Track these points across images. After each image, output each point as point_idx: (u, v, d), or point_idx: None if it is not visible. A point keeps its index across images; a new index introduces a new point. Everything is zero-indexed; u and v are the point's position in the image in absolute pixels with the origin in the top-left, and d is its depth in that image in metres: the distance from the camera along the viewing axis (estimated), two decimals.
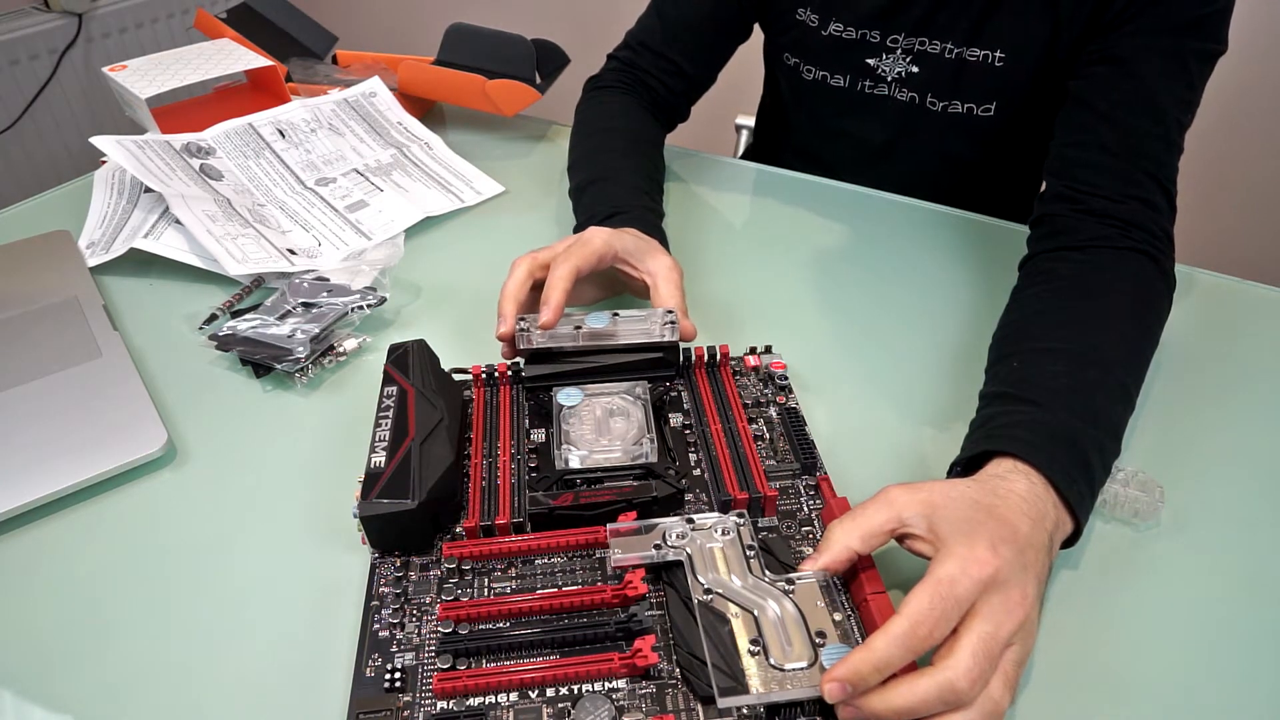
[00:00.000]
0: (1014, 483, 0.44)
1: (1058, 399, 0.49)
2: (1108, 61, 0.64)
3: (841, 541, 0.42)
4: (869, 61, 0.78)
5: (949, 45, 0.74)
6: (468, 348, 0.63)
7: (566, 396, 0.52)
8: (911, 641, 0.37)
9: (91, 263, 0.71)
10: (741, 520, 0.45)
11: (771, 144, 0.99)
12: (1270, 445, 0.56)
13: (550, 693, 0.39)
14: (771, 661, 0.38)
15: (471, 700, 0.39)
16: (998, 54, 0.73)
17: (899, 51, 0.76)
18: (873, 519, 0.42)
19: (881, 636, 0.37)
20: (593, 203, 0.70)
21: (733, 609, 0.40)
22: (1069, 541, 0.46)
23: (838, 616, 0.40)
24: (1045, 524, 0.43)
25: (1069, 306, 0.56)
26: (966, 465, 0.47)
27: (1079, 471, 0.46)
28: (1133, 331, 0.55)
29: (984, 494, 0.43)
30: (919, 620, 0.37)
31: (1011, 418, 0.48)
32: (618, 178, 0.72)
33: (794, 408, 0.55)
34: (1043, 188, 0.66)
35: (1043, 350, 0.53)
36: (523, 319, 0.55)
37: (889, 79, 0.78)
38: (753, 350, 0.60)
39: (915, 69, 0.77)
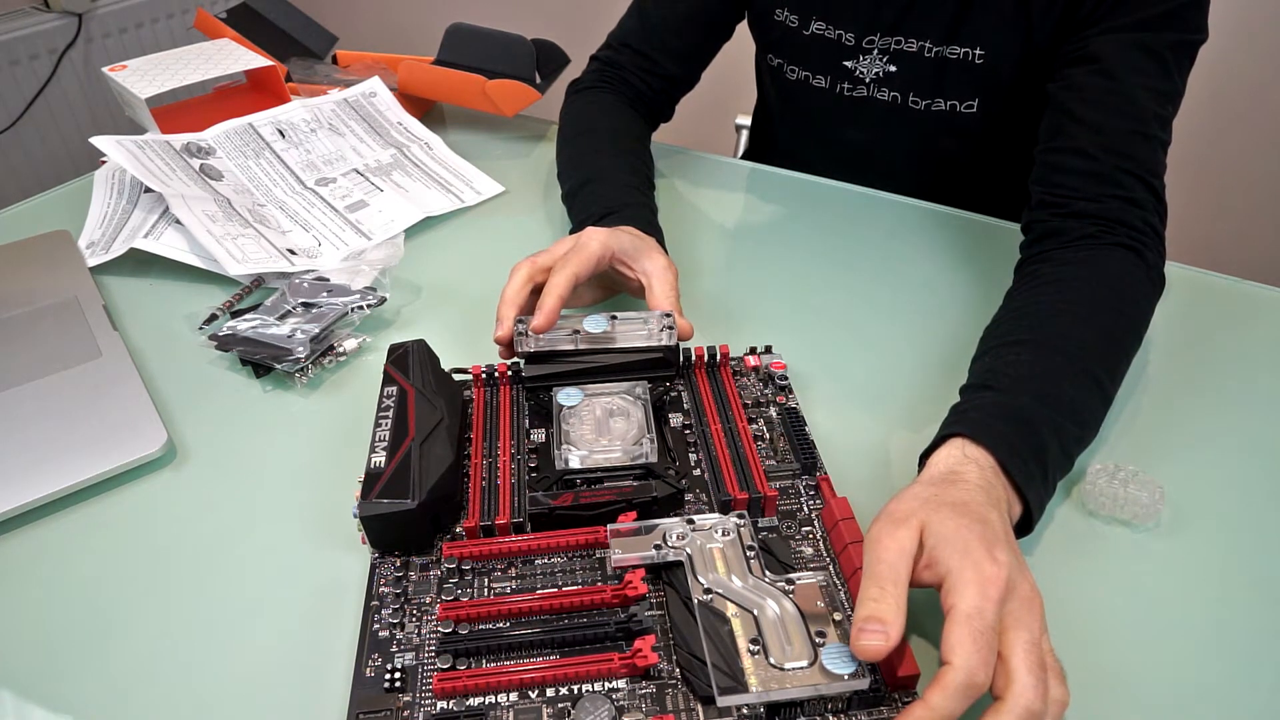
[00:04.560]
0: (967, 472, 0.44)
1: (1017, 384, 0.50)
2: (1082, 61, 0.65)
3: (894, 607, 0.38)
4: (846, 64, 0.79)
5: (927, 44, 0.74)
6: (468, 348, 0.63)
7: (566, 396, 0.52)
8: (969, 690, 0.36)
9: (91, 263, 0.71)
10: (742, 521, 0.45)
11: (764, 146, 1.00)
12: (1270, 446, 0.56)
13: (550, 693, 0.39)
14: (771, 661, 0.38)
15: (471, 700, 0.39)
16: (977, 51, 0.73)
17: (875, 52, 0.76)
18: (901, 567, 0.40)
19: (938, 692, 0.36)
20: (587, 204, 0.70)
21: (732, 609, 0.40)
22: (1021, 526, 0.46)
23: (838, 616, 0.40)
24: (1003, 507, 0.43)
25: (1044, 301, 0.57)
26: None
27: (1030, 451, 0.46)
28: (1109, 322, 0.55)
29: (945, 489, 0.43)
30: (972, 667, 0.36)
31: (969, 403, 0.50)
32: (609, 177, 0.72)
33: (794, 408, 0.55)
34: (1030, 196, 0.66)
35: (1011, 342, 0.54)
36: (520, 321, 0.55)
37: (867, 80, 0.78)
38: (752, 350, 0.60)
39: (893, 68, 0.77)
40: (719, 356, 0.57)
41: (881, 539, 0.41)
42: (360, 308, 0.64)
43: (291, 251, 0.71)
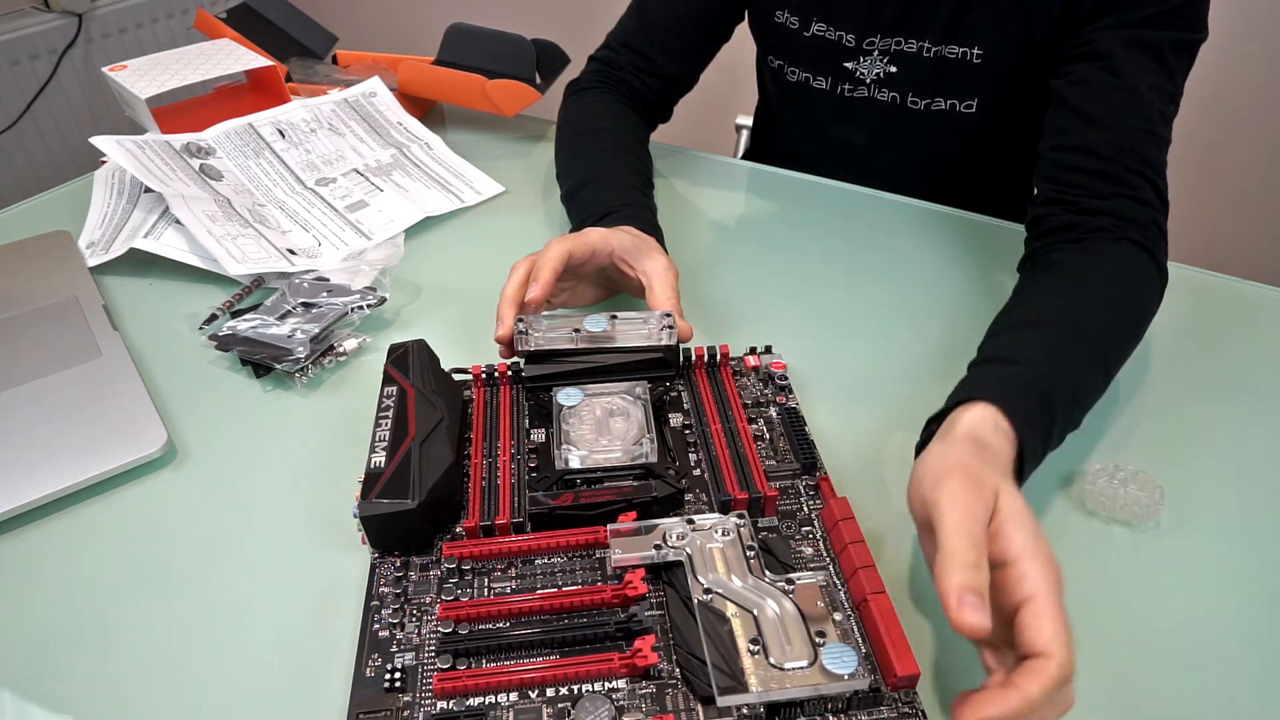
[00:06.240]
0: (998, 446, 0.44)
1: (1037, 357, 0.50)
2: (1086, 58, 0.65)
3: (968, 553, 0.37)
4: (847, 65, 0.79)
5: (926, 44, 0.74)
6: (468, 348, 0.63)
7: (566, 396, 0.52)
8: (1065, 684, 0.35)
9: (91, 263, 0.71)
10: (742, 521, 0.45)
11: (764, 146, 1.00)
12: (1269, 445, 0.56)
13: (550, 693, 0.39)
14: (771, 661, 0.38)
15: (471, 700, 0.39)
16: (975, 51, 0.73)
17: (876, 53, 0.77)
18: (984, 534, 0.38)
19: (1038, 682, 0.34)
20: (586, 204, 0.70)
21: (732, 609, 0.40)
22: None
23: (838, 616, 0.40)
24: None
25: (1058, 288, 0.57)
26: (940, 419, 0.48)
27: (1042, 430, 0.47)
28: (1122, 315, 0.56)
29: (989, 458, 0.43)
30: (1072, 664, 0.35)
31: (996, 373, 0.50)
32: (609, 177, 0.72)
33: (794, 408, 0.55)
34: (1034, 191, 0.66)
35: (1034, 323, 0.54)
36: (521, 320, 0.55)
37: (868, 80, 0.79)
38: (753, 350, 0.60)
39: (893, 69, 0.77)
40: (719, 356, 0.57)
41: (964, 496, 0.38)
42: (360, 308, 0.64)
43: (291, 251, 0.71)
